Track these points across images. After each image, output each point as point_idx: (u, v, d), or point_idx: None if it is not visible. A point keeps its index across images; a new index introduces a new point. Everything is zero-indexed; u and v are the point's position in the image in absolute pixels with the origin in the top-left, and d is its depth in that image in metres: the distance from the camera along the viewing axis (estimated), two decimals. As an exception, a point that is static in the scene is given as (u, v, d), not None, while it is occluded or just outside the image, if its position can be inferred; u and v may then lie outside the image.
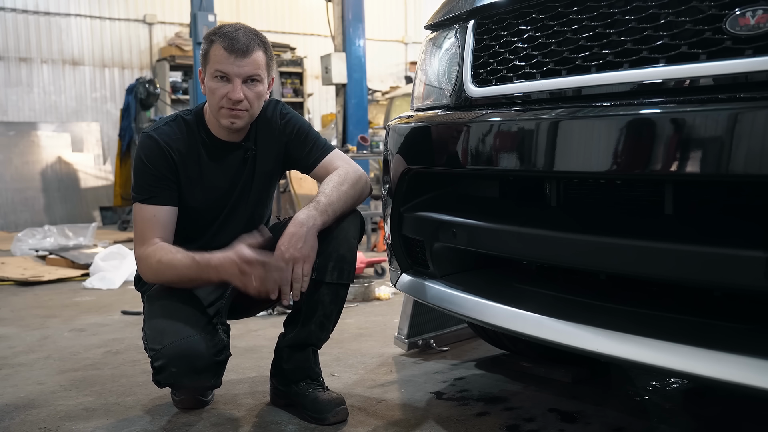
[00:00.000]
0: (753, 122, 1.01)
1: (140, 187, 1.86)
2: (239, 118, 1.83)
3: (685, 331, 1.21)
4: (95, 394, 2.19)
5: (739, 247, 1.07)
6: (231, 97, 1.78)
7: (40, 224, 7.10)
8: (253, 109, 1.85)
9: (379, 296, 3.62)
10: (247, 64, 1.79)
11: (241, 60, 1.78)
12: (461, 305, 1.63)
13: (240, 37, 1.78)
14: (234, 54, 1.77)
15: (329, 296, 1.87)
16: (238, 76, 1.78)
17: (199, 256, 1.76)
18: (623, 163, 1.20)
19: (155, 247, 1.81)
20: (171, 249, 1.81)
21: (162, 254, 1.79)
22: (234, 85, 1.78)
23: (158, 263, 1.80)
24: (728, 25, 1.10)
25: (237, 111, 1.81)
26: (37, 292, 4.20)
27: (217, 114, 1.83)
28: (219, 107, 1.81)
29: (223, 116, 1.83)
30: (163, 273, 1.81)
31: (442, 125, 1.68)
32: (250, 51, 1.79)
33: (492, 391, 2.11)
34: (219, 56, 1.78)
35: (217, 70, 1.78)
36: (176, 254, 1.79)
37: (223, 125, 1.86)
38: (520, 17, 1.52)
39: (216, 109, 1.83)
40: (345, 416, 1.88)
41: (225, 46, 1.77)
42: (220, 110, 1.82)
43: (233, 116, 1.82)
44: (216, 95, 1.80)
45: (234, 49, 1.77)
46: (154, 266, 1.81)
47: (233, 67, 1.78)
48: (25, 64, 9.19)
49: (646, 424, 1.86)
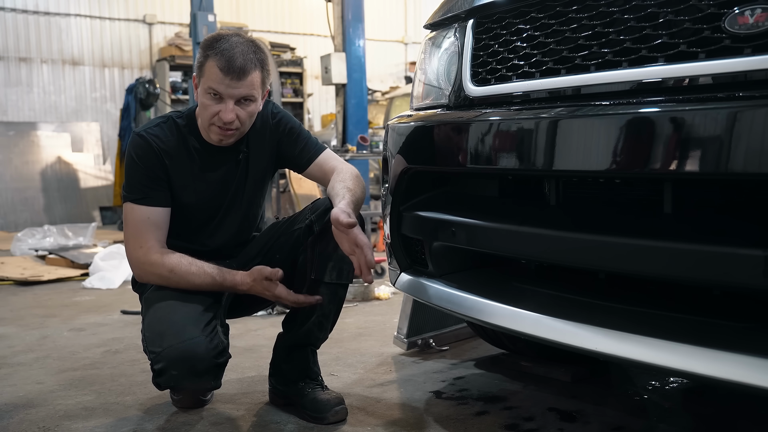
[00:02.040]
0: (752, 121, 1.01)
1: (132, 186, 1.85)
2: (229, 137, 1.84)
3: (684, 329, 1.21)
4: (94, 393, 2.19)
5: (738, 246, 1.07)
6: (222, 118, 1.78)
7: (39, 224, 7.10)
8: (243, 127, 1.85)
9: (378, 296, 3.62)
10: (242, 86, 1.76)
11: (236, 82, 1.75)
12: (460, 304, 1.63)
13: (237, 58, 1.74)
14: (229, 76, 1.74)
15: (328, 296, 1.87)
16: (231, 98, 1.77)
17: (218, 275, 1.81)
18: (622, 162, 1.20)
19: (164, 256, 1.81)
20: (182, 260, 1.82)
21: (174, 264, 1.80)
22: (226, 106, 1.77)
23: (170, 273, 1.81)
24: (727, 24, 1.10)
25: (228, 131, 1.81)
26: (36, 292, 4.20)
27: (208, 129, 1.83)
28: (210, 123, 1.81)
29: (213, 133, 1.83)
30: (175, 282, 1.82)
31: (442, 124, 1.68)
32: (246, 73, 1.75)
33: (491, 390, 2.11)
34: (213, 75, 1.75)
35: (211, 88, 1.76)
36: (190, 267, 1.80)
37: (212, 140, 1.86)
38: (519, 16, 1.52)
39: (207, 125, 1.83)
40: (344, 416, 1.88)
41: (221, 66, 1.74)
42: (211, 126, 1.82)
43: (223, 134, 1.82)
44: (207, 112, 1.80)
45: (230, 70, 1.74)
46: (165, 274, 1.81)
47: (227, 88, 1.75)
48: (25, 64, 9.18)
49: (645, 423, 1.86)
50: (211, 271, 1.82)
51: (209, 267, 1.82)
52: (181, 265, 1.80)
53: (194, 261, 1.82)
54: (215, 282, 1.81)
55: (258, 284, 1.80)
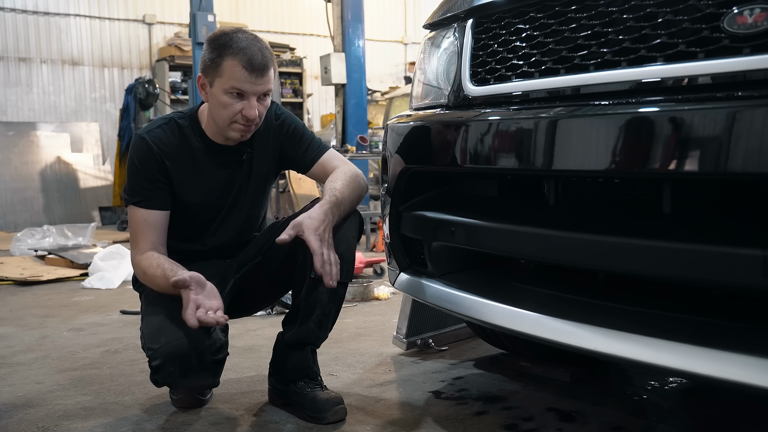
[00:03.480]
0: (751, 120, 1.01)
1: (132, 189, 1.87)
2: (250, 132, 1.88)
3: (683, 329, 1.21)
4: (93, 393, 2.19)
5: (737, 246, 1.07)
6: (247, 115, 1.80)
7: (39, 224, 7.10)
8: (261, 121, 1.89)
9: (378, 296, 3.62)
10: (265, 83, 1.81)
11: (260, 79, 1.79)
12: (459, 304, 1.63)
13: (257, 55, 1.77)
14: (255, 74, 1.77)
15: (328, 295, 1.87)
16: (255, 94, 1.80)
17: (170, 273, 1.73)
18: (621, 162, 1.20)
19: (143, 256, 1.84)
20: (153, 263, 1.80)
21: (146, 265, 1.82)
22: (250, 103, 1.80)
23: (143, 275, 1.84)
24: (726, 24, 1.10)
25: (250, 126, 1.85)
26: (35, 292, 4.20)
27: (227, 128, 1.85)
28: (231, 122, 1.83)
29: (235, 130, 1.85)
30: (149, 283, 1.85)
31: (441, 124, 1.68)
32: (266, 69, 1.80)
33: (490, 390, 2.11)
34: (237, 74, 1.77)
35: (234, 87, 1.78)
36: (156, 270, 1.79)
37: (231, 137, 1.88)
38: (519, 16, 1.52)
39: (226, 123, 1.84)
40: (343, 415, 1.88)
41: (244, 64, 1.76)
42: (232, 125, 1.83)
43: (246, 131, 1.86)
44: (229, 110, 1.81)
45: (254, 68, 1.77)
46: (141, 276, 1.86)
47: (252, 86, 1.79)
48: (25, 64, 9.18)
49: (644, 423, 1.86)
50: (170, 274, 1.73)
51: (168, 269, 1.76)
52: (150, 267, 1.81)
53: (162, 263, 1.79)
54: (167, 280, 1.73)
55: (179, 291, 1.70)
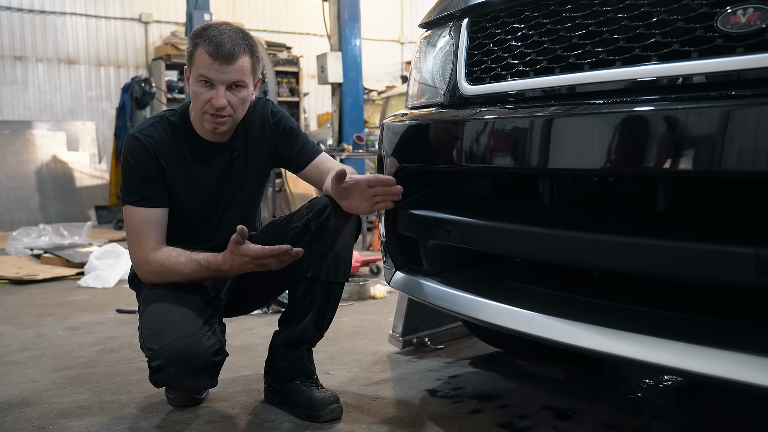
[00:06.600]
0: (745, 119, 1.02)
1: (129, 189, 1.86)
2: (222, 124, 1.84)
3: (677, 327, 1.21)
4: (89, 391, 2.19)
5: (731, 244, 1.08)
6: (214, 104, 1.78)
7: (35, 223, 7.08)
8: (236, 114, 1.85)
9: (374, 295, 3.62)
10: (232, 71, 1.77)
11: (225, 67, 1.76)
12: (455, 302, 1.63)
13: (225, 43, 1.75)
14: (218, 60, 1.75)
15: (324, 294, 1.88)
16: (222, 83, 1.78)
17: (203, 259, 1.78)
18: (616, 160, 1.20)
19: (156, 252, 1.82)
20: (172, 252, 1.81)
21: (164, 258, 1.80)
22: (217, 92, 1.77)
23: (162, 267, 1.81)
24: (719, 23, 1.11)
25: (220, 117, 1.82)
26: (31, 291, 4.19)
27: (201, 118, 1.84)
28: (203, 112, 1.82)
29: (207, 121, 1.83)
30: (168, 276, 1.82)
31: (436, 123, 1.68)
32: (235, 57, 1.76)
33: (486, 388, 2.11)
34: (203, 61, 1.76)
35: (201, 75, 1.77)
36: (179, 257, 1.80)
37: (206, 129, 1.86)
38: (514, 15, 1.53)
39: (200, 114, 1.83)
40: (339, 414, 1.89)
41: (209, 51, 1.75)
42: (204, 115, 1.82)
43: (216, 122, 1.83)
44: (199, 100, 1.80)
45: (219, 55, 1.75)
46: (158, 270, 1.82)
47: (217, 73, 1.76)
48: (20, 63, 9.15)
49: (639, 422, 1.87)
50: (198, 258, 1.79)
51: (197, 255, 1.80)
52: (170, 257, 1.80)
53: (183, 252, 1.81)
54: (201, 267, 1.78)
55: (236, 256, 1.72)
